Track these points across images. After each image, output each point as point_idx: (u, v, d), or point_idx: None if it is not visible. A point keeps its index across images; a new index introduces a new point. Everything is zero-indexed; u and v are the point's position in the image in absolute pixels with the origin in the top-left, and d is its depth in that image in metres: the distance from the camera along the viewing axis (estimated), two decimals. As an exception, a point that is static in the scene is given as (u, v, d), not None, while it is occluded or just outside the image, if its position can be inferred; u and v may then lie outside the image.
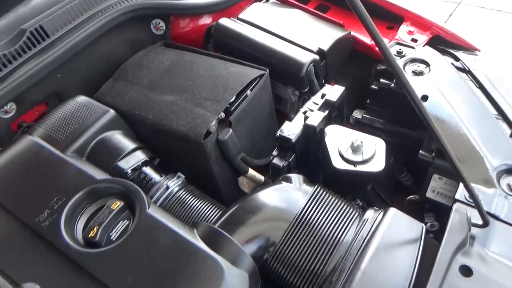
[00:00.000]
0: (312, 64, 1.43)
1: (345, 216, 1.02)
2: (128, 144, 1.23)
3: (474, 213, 0.97)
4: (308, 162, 1.26)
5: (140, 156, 1.23)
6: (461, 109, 1.25)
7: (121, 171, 1.18)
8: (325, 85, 1.32)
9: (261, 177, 1.42)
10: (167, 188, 1.19)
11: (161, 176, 1.22)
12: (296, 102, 1.55)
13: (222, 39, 1.57)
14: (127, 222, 0.94)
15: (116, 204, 0.94)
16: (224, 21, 1.59)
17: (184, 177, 1.26)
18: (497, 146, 1.15)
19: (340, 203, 1.05)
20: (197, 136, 1.21)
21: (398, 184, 1.55)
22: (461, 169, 0.88)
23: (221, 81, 1.33)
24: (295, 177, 1.11)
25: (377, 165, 1.11)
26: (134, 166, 1.20)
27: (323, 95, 1.27)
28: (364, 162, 1.12)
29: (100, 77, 1.47)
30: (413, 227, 0.99)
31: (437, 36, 1.58)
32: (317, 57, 1.45)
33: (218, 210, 1.17)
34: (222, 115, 1.27)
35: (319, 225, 1.00)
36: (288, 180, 1.11)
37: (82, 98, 1.29)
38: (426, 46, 1.51)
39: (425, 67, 1.40)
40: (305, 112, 1.23)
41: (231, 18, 1.62)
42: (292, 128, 1.19)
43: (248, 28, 1.55)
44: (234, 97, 1.29)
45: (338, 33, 1.55)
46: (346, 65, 1.67)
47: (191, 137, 1.22)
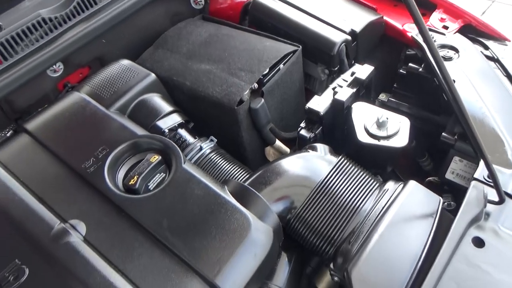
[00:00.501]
0: (344, 44, 1.47)
1: (366, 185, 1.07)
2: (166, 107, 1.31)
3: (491, 192, 1.02)
4: (333, 137, 1.31)
5: (177, 119, 1.30)
6: (487, 95, 1.28)
7: (159, 130, 1.25)
8: (355, 64, 1.36)
9: (287, 149, 1.47)
10: (200, 149, 1.26)
11: (195, 138, 1.29)
12: (325, 81, 1.58)
13: (259, 16, 1.62)
14: (164, 175, 1.02)
15: (155, 158, 1.02)
16: (261, -1, 1.64)
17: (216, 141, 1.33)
18: (519, 133, 1.18)
19: (362, 173, 1.10)
20: (231, 103, 1.27)
21: (419, 169, 1.57)
22: (483, 146, 0.92)
23: (256, 54, 1.38)
24: (321, 147, 1.17)
25: (400, 141, 1.15)
26: (171, 127, 1.27)
27: (353, 73, 1.30)
28: (388, 138, 1.15)
29: (141, 46, 1.54)
30: (431, 199, 1.04)
31: (469, 25, 1.59)
32: (349, 38, 1.48)
33: (246, 173, 1.24)
34: (255, 86, 1.32)
35: (340, 193, 1.06)
36: (314, 149, 1.16)
37: (126, 62, 1.38)
38: (457, 34, 1.53)
39: (454, 53, 1.43)
40: (334, 88, 1.27)
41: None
42: (321, 102, 1.24)
43: (284, 6, 1.59)
44: (268, 70, 1.35)
45: (371, 16, 1.58)
46: (376, 50, 1.70)
47: (225, 104, 1.28)
